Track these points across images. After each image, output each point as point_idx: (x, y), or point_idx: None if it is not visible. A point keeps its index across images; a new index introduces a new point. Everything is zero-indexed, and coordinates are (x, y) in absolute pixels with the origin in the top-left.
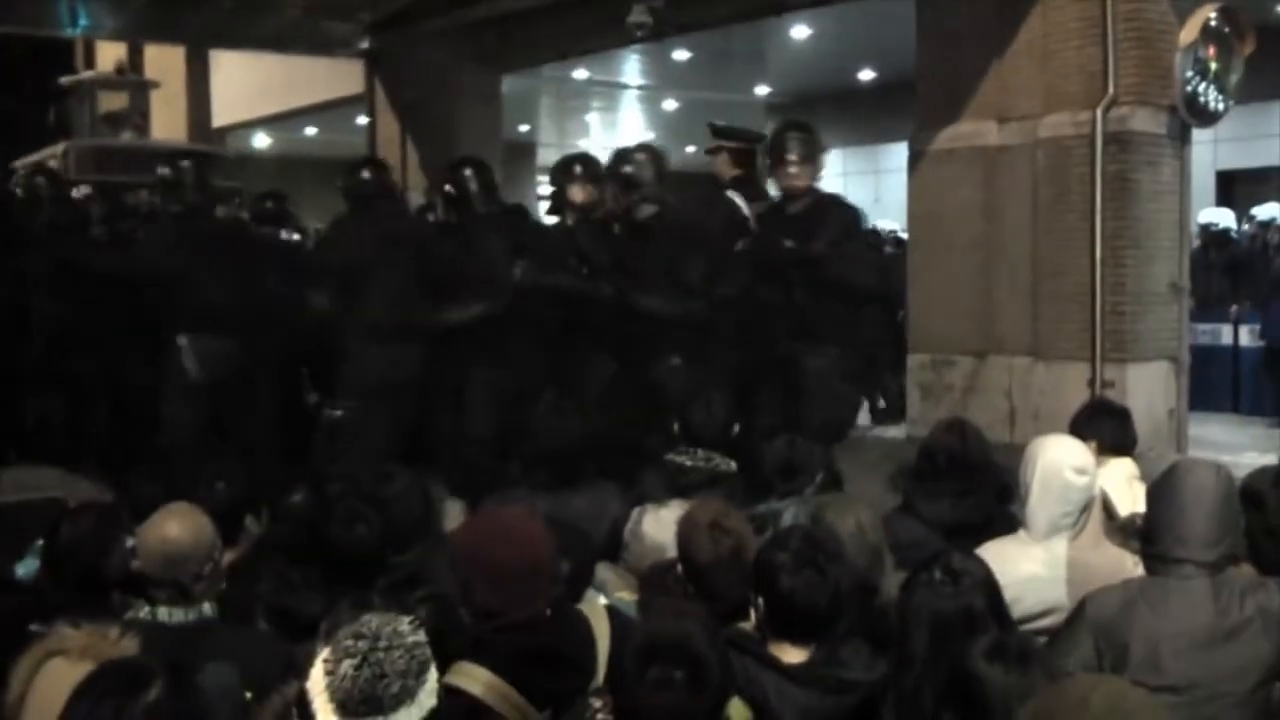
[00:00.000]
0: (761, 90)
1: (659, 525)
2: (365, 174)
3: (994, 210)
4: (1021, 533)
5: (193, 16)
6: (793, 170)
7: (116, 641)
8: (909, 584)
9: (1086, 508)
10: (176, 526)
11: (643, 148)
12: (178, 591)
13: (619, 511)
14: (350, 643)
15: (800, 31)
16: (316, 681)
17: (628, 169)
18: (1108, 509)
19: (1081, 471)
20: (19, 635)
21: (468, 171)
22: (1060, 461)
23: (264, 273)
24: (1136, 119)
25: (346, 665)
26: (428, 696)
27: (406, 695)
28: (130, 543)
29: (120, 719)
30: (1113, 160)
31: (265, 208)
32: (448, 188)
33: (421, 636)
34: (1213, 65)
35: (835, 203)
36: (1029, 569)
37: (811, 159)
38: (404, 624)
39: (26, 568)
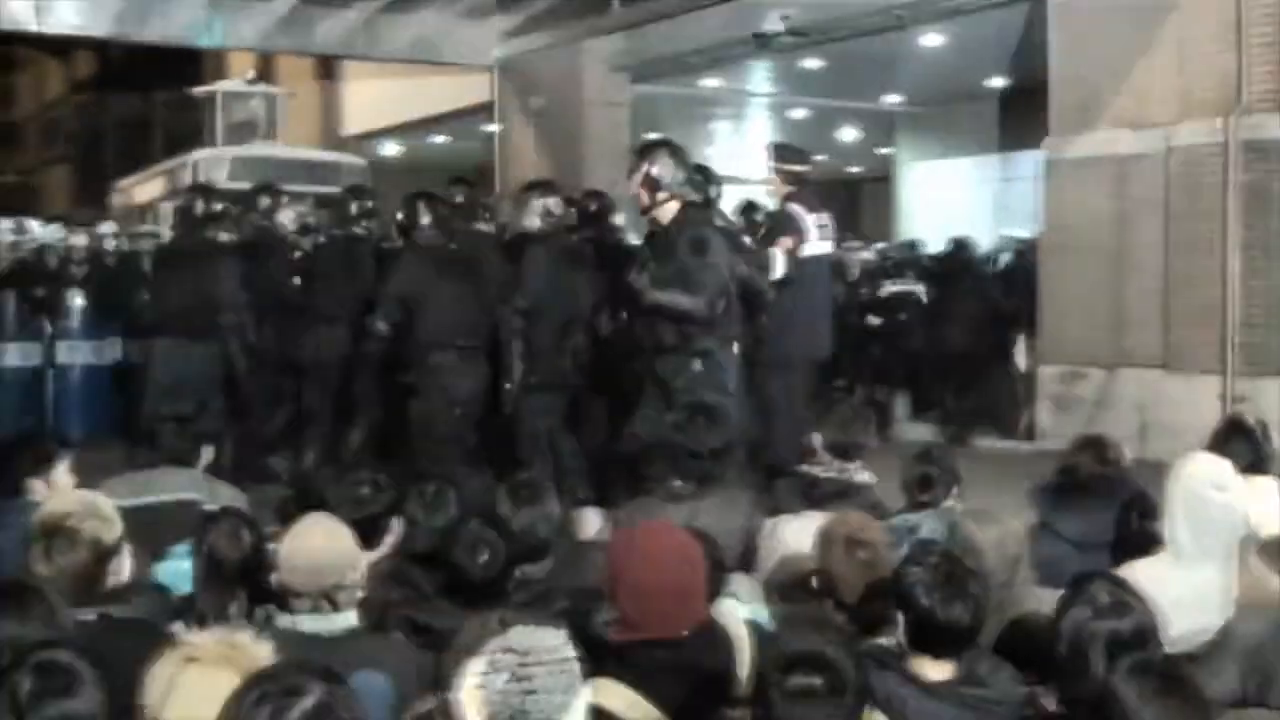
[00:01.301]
0: (891, 98)
1: (793, 536)
2: None
3: (1126, 219)
4: (1165, 553)
5: (325, 27)
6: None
7: (252, 648)
8: (1066, 603)
9: (1232, 528)
10: (320, 536)
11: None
12: (320, 600)
13: (753, 521)
14: (502, 656)
15: (931, 39)
16: (466, 694)
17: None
18: (1253, 530)
19: (1222, 489)
20: (156, 638)
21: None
22: (1200, 479)
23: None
24: (1272, 126)
25: (498, 679)
26: (578, 712)
27: (557, 710)
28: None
29: None
30: (1247, 169)
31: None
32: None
33: (573, 652)
34: None
35: None
36: (1174, 591)
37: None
38: (556, 639)
39: (165, 570)
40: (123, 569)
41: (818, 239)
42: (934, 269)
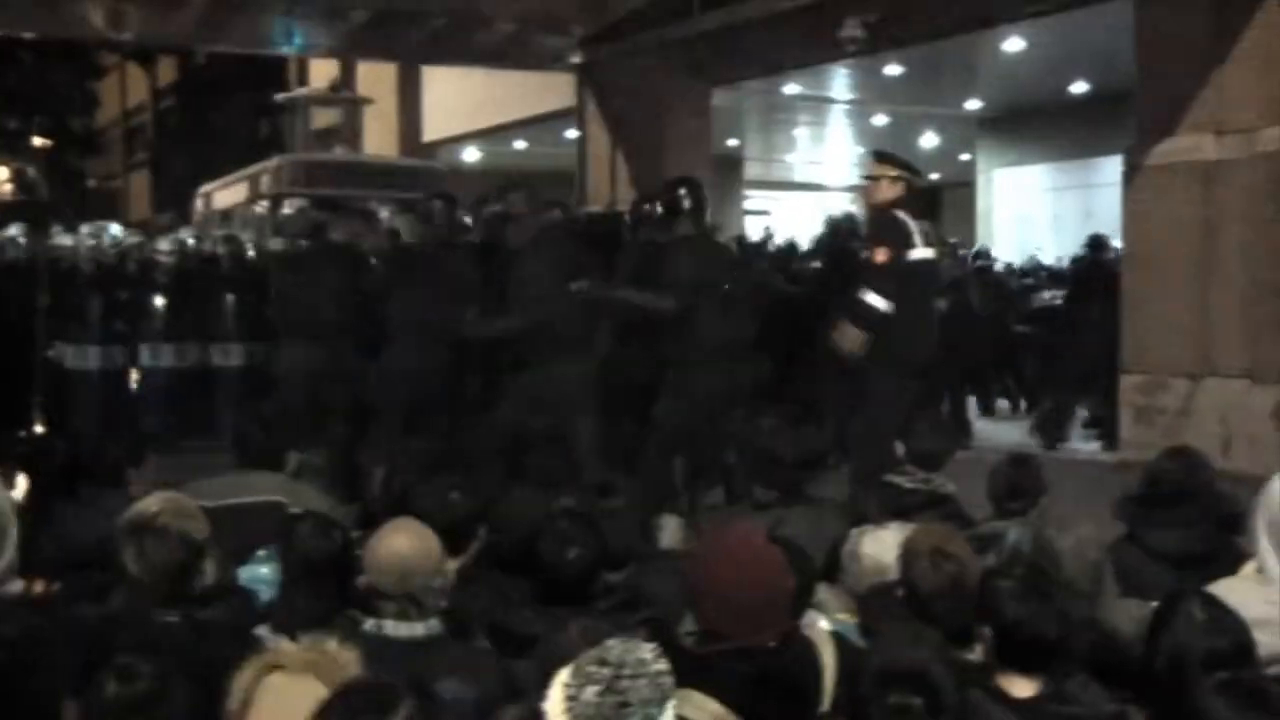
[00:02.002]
0: (972, 104)
1: (878, 547)
2: None
3: (1211, 227)
4: (1252, 569)
5: (406, 34)
6: None
7: (337, 655)
8: (1160, 619)
9: None
10: (406, 540)
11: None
12: (406, 605)
13: (838, 531)
14: (594, 669)
15: (1013, 44)
16: (555, 705)
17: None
18: None
19: None
20: (242, 641)
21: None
22: None
23: None
24: None
25: (590, 691)
26: None
27: None
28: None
29: None
30: None
31: None
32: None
33: (664, 665)
34: None
35: None
36: (1261, 610)
37: None
38: (647, 652)
39: (249, 572)
40: (208, 571)
41: (923, 245)
42: (1075, 274)
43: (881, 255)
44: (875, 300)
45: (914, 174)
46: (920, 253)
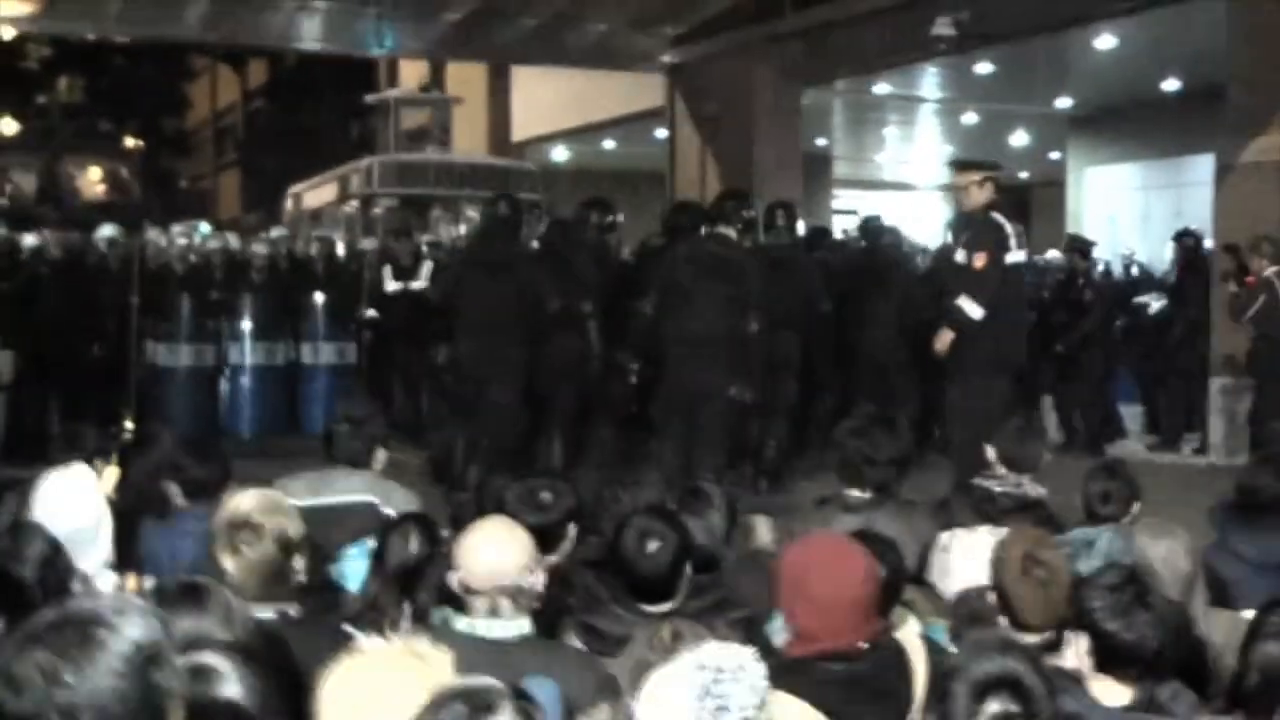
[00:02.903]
0: (1063, 102)
1: (968, 551)
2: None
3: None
4: None
5: (497, 34)
6: None
7: (429, 655)
8: (1256, 629)
9: None
10: (499, 539)
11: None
12: (497, 602)
13: (928, 533)
14: (695, 673)
15: (1105, 41)
16: (650, 706)
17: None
18: None
19: None
20: (335, 639)
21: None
22: None
23: None
24: None
25: (690, 694)
26: None
27: None
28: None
29: None
30: None
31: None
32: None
33: (763, 670)
34: None
35: None
36: None
37: None
38: (746, 656)
39: (340, 571)
40: (301, 568)
41: (1016, 248)
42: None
43: (980, 260)
44: (970, 307)
45: (997, 169)
46: (1015, 256)
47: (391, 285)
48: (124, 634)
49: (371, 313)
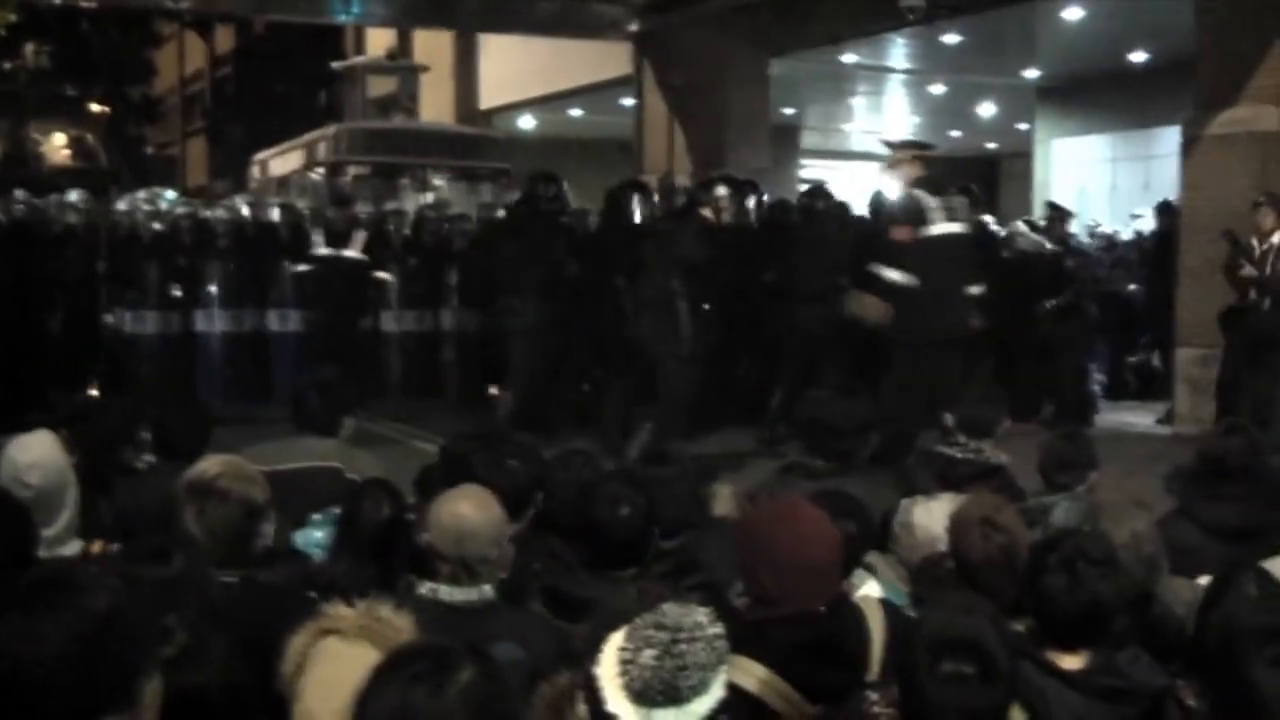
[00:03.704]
0: (1030, 73)
1: (929, 517)
2: None
3: (1271, 200)
4: None
5: (463, 2)
6: None
7: (392, 620)
8: (1214, 594)
9: None
10: (469, 505)
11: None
12: (463, 570)
13: (890, 501)
14: (651, 633)
15: (1073, 12)
16: (609, 668)
17: None
18: None
19: None
20: (298, 605)
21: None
22: None
23: None
24: None
25: (647, 655)
26: (719, 687)
27: (703, 686)
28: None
29: (435, 702)
30: None
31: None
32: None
33: (720, 629)
34: None
35: None
36: None
37: None
38: (703, 616)
39: (305, 536)
40: (267, 533)
41: (946, 220)
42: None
43: (899, 233)
44: (891, 274)
45: (924, 148)
46: (941, 228)
47: (322, 250)
48: (87, 603)
49: (303, 267)
